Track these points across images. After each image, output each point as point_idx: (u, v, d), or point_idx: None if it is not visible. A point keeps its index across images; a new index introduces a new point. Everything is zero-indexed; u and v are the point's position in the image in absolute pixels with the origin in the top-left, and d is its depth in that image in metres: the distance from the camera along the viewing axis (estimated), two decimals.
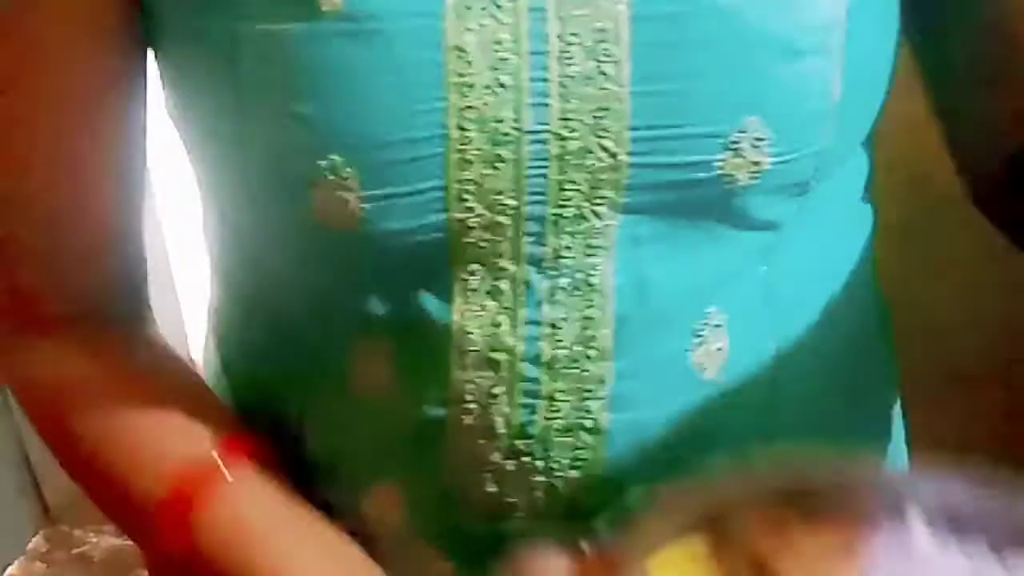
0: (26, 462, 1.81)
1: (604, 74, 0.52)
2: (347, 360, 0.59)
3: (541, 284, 0.55)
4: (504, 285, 0.55)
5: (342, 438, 0.62)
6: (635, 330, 0.56)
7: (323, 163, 0.53)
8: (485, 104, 0.52)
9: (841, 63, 0.54)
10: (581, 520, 0.58)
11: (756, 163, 0.53)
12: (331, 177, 0.53)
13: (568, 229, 0.54)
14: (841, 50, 0.54)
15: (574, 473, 0.57)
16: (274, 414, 0.65)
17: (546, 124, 0.53)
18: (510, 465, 0.57)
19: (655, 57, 0.52)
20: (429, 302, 0.56)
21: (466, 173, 0.53)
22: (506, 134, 0.52)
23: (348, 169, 0.53)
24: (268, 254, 0.59)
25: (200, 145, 0.59)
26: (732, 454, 0.59)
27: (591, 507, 0.58)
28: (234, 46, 0.53)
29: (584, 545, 0.46)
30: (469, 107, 0.52)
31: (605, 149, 0.53)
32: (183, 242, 1.77)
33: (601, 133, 0.53)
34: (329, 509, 0.63)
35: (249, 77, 0.53)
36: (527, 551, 0.47)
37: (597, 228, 0.54)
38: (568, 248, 0.54)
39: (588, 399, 0.56)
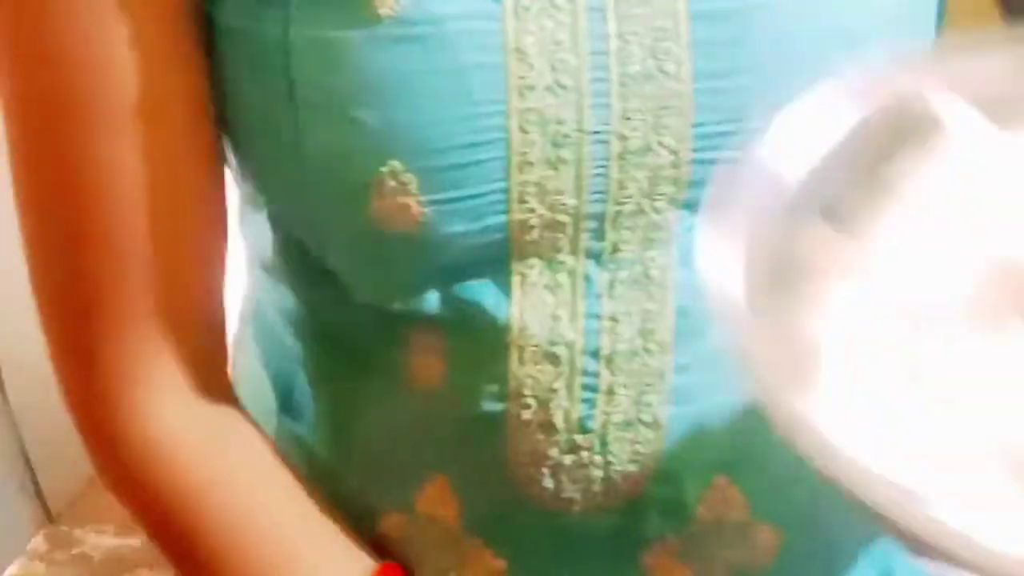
0: (26, 462, 1.80)
1: (665, 72, 0.52)
2: (401, 356, 0.59)
3: (600, 277, 0.55)
4: (563, 279, 0.55)
5: (395, 434, 0.62)
6: (695, 323, 0.56)
7: (383, 168, 0.53)
8: (546, 106, 0.52)
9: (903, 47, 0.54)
10: (638, 514, 0.59)
11: None
12: (391, 182, 0.53)
13: (627, 224, 0.54)
14: (901, 39, 0.54)
15: (632, 467, 0.57)
16: (316, 413, 0.65)
17: (607, 124, 0.53)
18: (568, 460, 0.57)
19: (715, 54, 0.52)
20: (487, 298, 0.56)
21: (527, 175, 0.53)
22: (567, 135, 0.53)
23: (408, 174, 0.53)
24: (322, 255, 0.59)
25: (253, 151, 0.58)
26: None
27: (648, 501, 0.58)
28: (290, 52, 0.53)
29: None
30: (530, 109, 0.52)
31: (666, 147, 0.53)
32: None
33: (662, 131, 0.53)
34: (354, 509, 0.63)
35: (305, 83, 0.53)
36: None
37: (656, 222, 0.54)
38: (626, 242, 0.55)
39: (648, 393, 0.56)
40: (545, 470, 0.58)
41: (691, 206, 0.54)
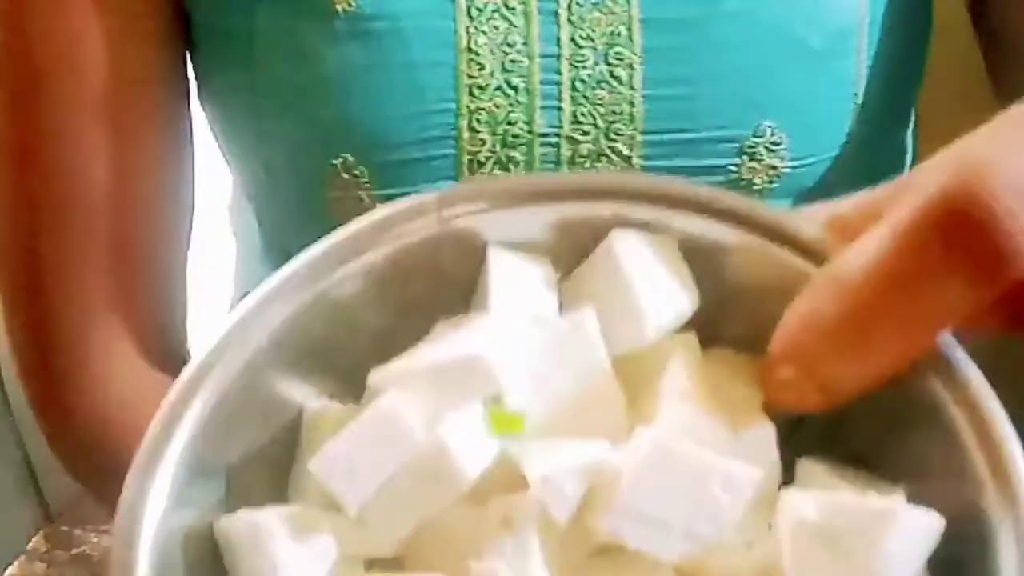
0: (26, 462, 1.80)
1: (616, 78, 0.52)
2: None
3: None
4: None
5: None
6: None
7: (336, 162, 0.53)
8: (496, 106, 0.52)
9: (863, 65, 0.54)
10: None
11: (773, 167, 0.54)
12: (344, 175, 0.53)
13: None
14: (862, 52, 0.54)
15: None
16: None
17: (558, 127, 0.53)
18: None
19: (668, 61, 0.52)
20: None
21: (478, 175, 0.53)
22: (517, 136, 0.53)
23: (361, 168, 0.53)
24: (290, 243, 0.60)
25: (228, 139, 0.60)
26: None
27: None
28: (252, 45, 0.54)
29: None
30: (480, 109, 0.52)
31: (618, 153, 0.53)
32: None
33: (613, 137, 0.53)
34: None
35: (265, 75, 0.54)
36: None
37: None
38: None
39: None
40: None
41: None
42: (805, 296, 0.30)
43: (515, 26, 0.52)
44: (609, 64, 0.53)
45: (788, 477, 0.32)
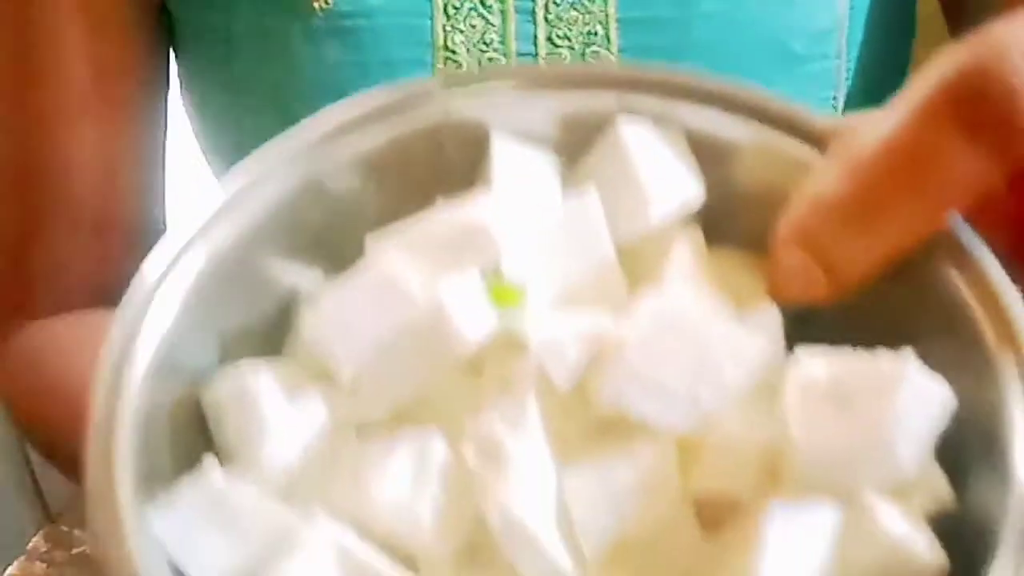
0: (26, 462, 1.80)
1: None
2: None
3: None
4: None
5: None
6: None
7: None
8: None
9: (844, 66, 0.54)
10: None
11: None
12: None
13: None
14: (842, 53, 0.54)
15: None
16: None
17: None
18: None
19: (644, 61, 0.52)
20: None
21: None
22: None
23: None
24: None
25: (208, 137, 0.60)
26: None
27: None
28: (231, 43, 0.54)
29: None
30: None
31: None
32: None
33: None
34: None
35: (243, 73, 0.55)
36: None
37: None
38: None
39: None
40: None
41: None
42: (813, 178, 0.29)
43: (492, 24, 0.52)
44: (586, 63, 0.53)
45: None
